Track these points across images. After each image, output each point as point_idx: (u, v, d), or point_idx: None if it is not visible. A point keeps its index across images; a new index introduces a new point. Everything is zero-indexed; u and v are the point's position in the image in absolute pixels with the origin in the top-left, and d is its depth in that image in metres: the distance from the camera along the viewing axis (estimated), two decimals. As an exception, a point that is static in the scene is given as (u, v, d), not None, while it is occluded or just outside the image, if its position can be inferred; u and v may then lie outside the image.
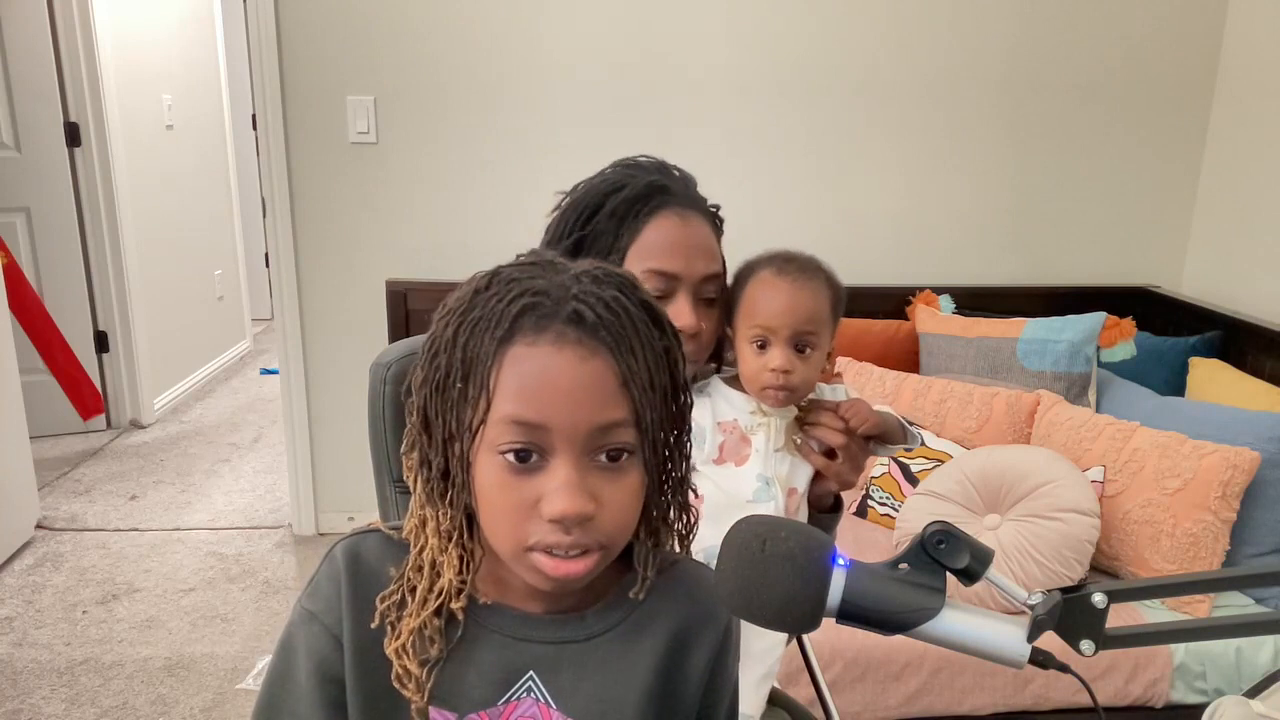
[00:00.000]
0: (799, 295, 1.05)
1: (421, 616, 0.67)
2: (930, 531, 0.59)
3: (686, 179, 1.11)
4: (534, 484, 0.63)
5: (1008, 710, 1.84)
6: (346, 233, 2.75)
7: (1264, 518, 1.94)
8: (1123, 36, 2.72)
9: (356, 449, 1.36)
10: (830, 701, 1.31)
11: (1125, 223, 2.86)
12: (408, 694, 0.67)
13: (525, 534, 0.64)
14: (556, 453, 0.63)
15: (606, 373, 0.63)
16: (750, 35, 2.68)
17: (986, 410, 2.29)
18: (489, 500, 0.65)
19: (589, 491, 0.63)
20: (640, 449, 0.65)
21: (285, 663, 0.71)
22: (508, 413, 0.63)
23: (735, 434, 1.07)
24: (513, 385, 0.63)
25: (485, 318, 0.64)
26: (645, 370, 0.65)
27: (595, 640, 0.72)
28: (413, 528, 0.70)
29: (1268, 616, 0.63)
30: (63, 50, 3.51)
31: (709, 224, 1.10)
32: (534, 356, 0.63)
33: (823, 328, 1.06)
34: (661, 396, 0.67)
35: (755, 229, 2.81)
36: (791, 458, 1.07)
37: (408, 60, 2.65)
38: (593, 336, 0.63)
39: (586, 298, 0.64)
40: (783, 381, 1.04)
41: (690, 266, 1.05)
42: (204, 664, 2.30)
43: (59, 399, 3.40)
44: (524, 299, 0.64)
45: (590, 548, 0.64)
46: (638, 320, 0.66)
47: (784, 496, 1.05)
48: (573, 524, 0.63)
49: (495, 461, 0.64)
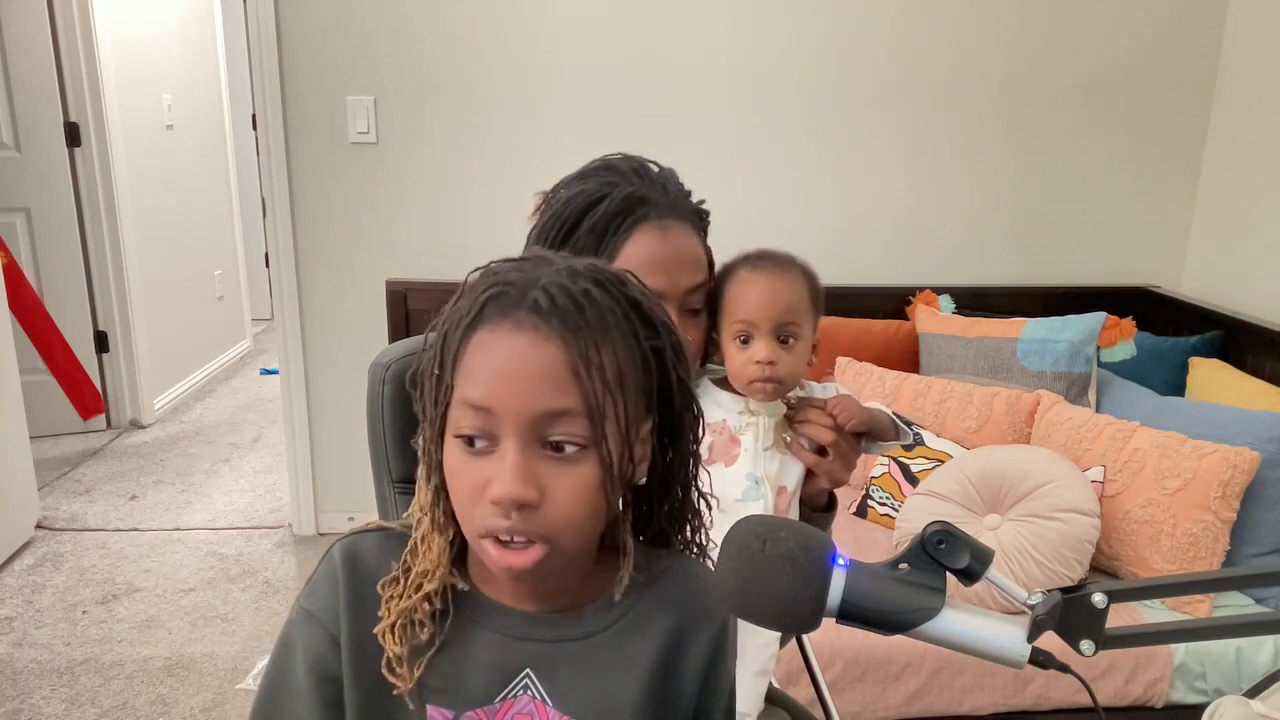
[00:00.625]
0: (776, 286, 1.06)
1: (413, 599, 0.68)
2: (930, 531, 0.59)
3: (666, 176, 1.08)
4: (484, 467, 0.64)
5: (1008, 710, 1.84)
6: (346, 233, 2.75)
7: (1264, 518, 1.94)
8: (1123, 37, 2.72)
9: (356, 449, 1.36)
10: (830, 701, 1.32)
11: (1125, 223, 2.86)
12: (395, 680, 0.67)
13: (476, 517, 0.65)
14: (504, 437, 0.64)
15: (559, 360, 0.63)
16: (751, 36, 2.68)
17: (986, 410, 2.29)
18: (451, 484, 0.67)
19: (535, 479, 0.63)
20: (596, 442, 0.64)
21: (283, 662, 0.72)
22: (463, 395, 0.65)
23: (724, 434, 1.07)
24: (471, 369, 0.65)
25: (460, 306, 0.67)
26: (611, 363, 0.64)
27: (592, 638, 0.72)
28: (414, 513, 0.72)
29: (1268, 616, 0.63)
30: (63, 50, 3.51)
31: (692, 229, 1.06)
32: (493, 342, 0.64)
33: (803, 318, 1.07)
34: (637, 394, 0.67)
35: (755, 229, 2.81)
36: (781, 456, 1.07)
37: (408, 60, 2.65)
38: (547, 324, 0.63)
39: (551, 287, 0.64)
40: (769, 373, 1.04)
41: (674, 281, 1.03)
42: (204, 664, 2.30)
43: (59, 399, 3.40)
44: (494, 289, 0.65)
45: (534, 538, 0.64)
46: (608, 313, 0.65)
47: (773, 495, 1.05)
48: (510, 509, 0.63)
49: (455, 444, 0.66)
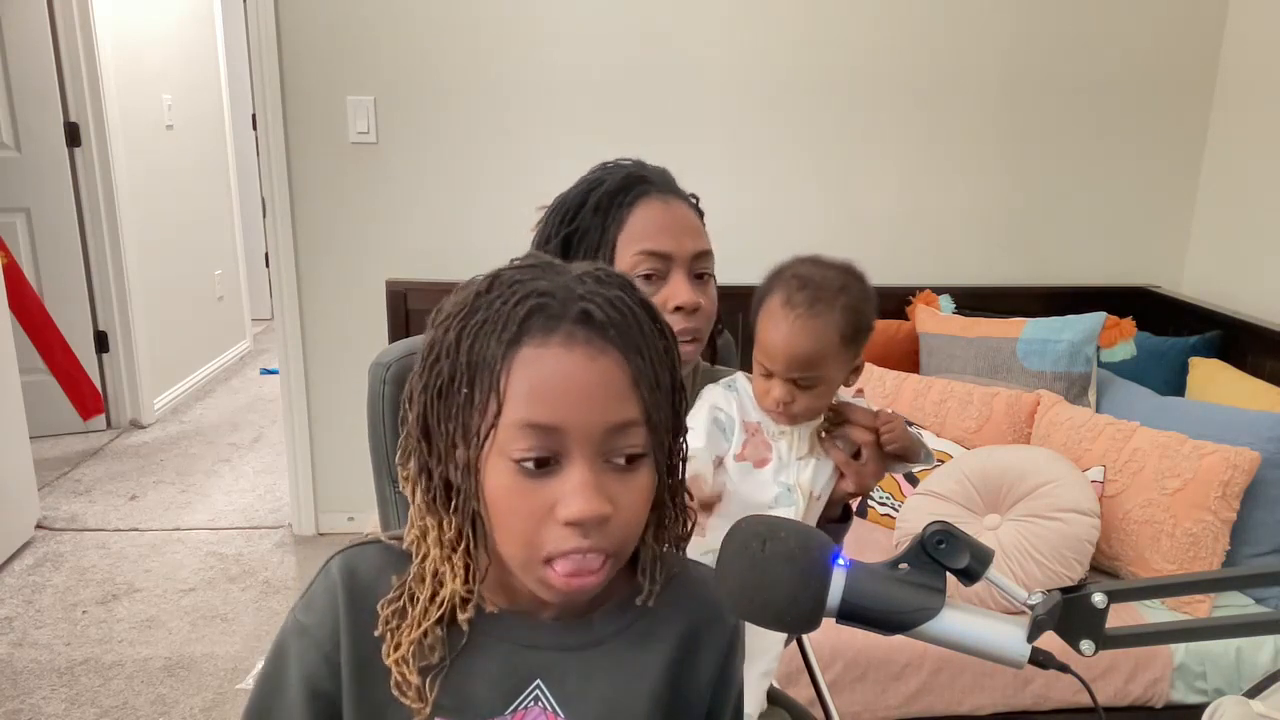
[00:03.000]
0: (797, 337, 1.00)
1: (423, 627, 0.66)
2: (930, 531, 0.59)
3: (663, 171, 1.14)
4: (549, 488, 0.62)
5: (1008, 710, 1.84)
6: (346, 233, 2.75)
7: (1264, 518, 1.94)
8: (1123, 37, 2.72)
9: (356, 449, 1.36)
10: (830, 701, 1.32)
11: (1125, 223, 2.86)
12: (408, 703, 0.66)
13: (540, 541, 0.62)
14: (572, 455, 0.62)
15: (617, 371, 0.63)
16: (752, 36, 2.68)
17: (986, 410, 2.29)
18: (501, 508, 0.63)
19: (606, 494, 0.62)
20: (651, 450, 0.65)
21: (277, 669, 0.71)
22: (520, 416, 0.61)
23: (758, 436, 1.07)
24: (524, 388, 0.61)
25: (491, 320, 0.62)
26: (651, 370, 0.64)
27: (603, 646, 0.71)
28: (414, 539, 0.68)
29: (1268, 616, 0.63)
30: (63, 50, 3.51)
31: (691, 208, 1.13)
32: (544, 358, 0.62)
33: (827, 363, 1.02)
34: (666, 397, 0.66)
35: (756, 229, 2.80)
36: (815, 462, 1.06)
37: (408, 60, 2.65)
38: (601, 336, 0.62)
39: (593, 297, 0.63)
40: (783, 410, 1.04)
41: (680, 245, 1.07)
42: (204, 664, 2.30)
43: (59, 399, 3.40)
44: (531, 300, 0.63)
45: (607, 553, 0.63)
46: (641, 320, 0.65)
47: (805, 503, 1.05)
48: (591, 527, 0.61)
49: (507, 467, 0.62)
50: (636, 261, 1.06)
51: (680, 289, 1.06)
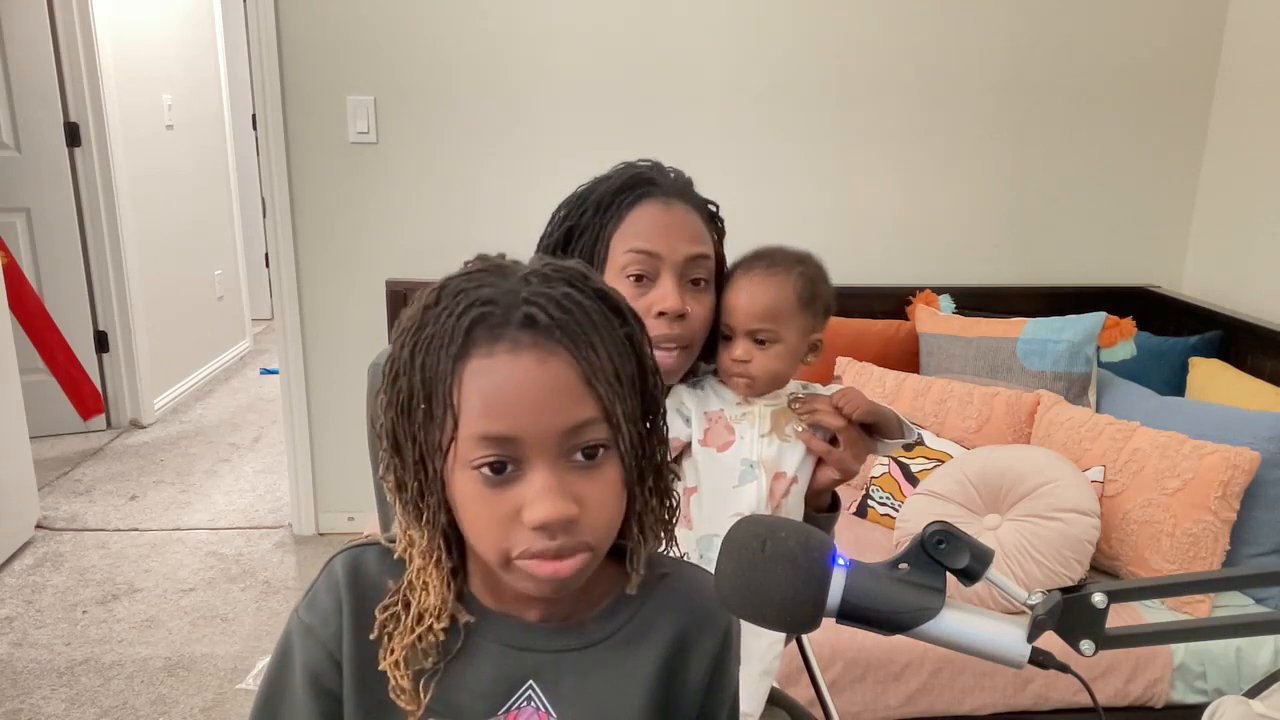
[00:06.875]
0: (754, 291, 1.09)
1: (416, 632, 0.67)
2: (930, 531, 0.59)
3: (679, 177, 1.13)
4: (513, 494, 0.62)
5: (1008, 710, 1.84)
6: (346, 233, 2.75)
7: (1264, 518, 1.94)
8: (1123, 36, 2.72)
9: (356, 449, 1.36)
10: (830, 701, 1.32)
11: (1125, 223, 2.86)
12: (403, 705, 0.67)
13: (510, 544, 0.63)
14: (532, 460, 0.62)
15: (568, 372, 0.62)
16: (751, 36, 2.68)
17: (986, 410, 2.29)
18: (470, 515, 0.64)
19: (570, 494, 0.62)
20: (615, 443, 0.64)
21: (282, 669, 0.72)
22: (475, 429, 0.61)
23: (720, 423, 1.10)
24: (476, 401, 0.61)
25: (438, 335, 0.63)
26: (609, 363, 0.64)
27: (595, 647, 0.71)
28: (404, 547, 0.70)
29: (1268, 616, 0.63)
30: (63, 50, 3.51)
31: (698, 215, 1.10)
32: (492, 368, 0.61)
33: (784, 321, 1.08)
34: (630, 386, 0.66)
35: (755, 229, 2.81)
36: (780, 443, 1.08)
37: (408, 60, 2.65)
38: (548, 338, 0.62)
39: (537, 299, 0.63)
40: (741, 370, 1.09)
41: (671, 247, 1.05)
42: (204, 664, 2.30)
43: (59, 399, 3.39)
44: (474, 310, 0.62)
45: (578, 549, 0.63)
46: (593, 312, 0.64)
47: (768, 479, 1.07)
48: (557, 529, 0.62)
49: (470, 476, 0.63)
50: (626, 260, 1.05)
51: (666, 293, 1.04)
